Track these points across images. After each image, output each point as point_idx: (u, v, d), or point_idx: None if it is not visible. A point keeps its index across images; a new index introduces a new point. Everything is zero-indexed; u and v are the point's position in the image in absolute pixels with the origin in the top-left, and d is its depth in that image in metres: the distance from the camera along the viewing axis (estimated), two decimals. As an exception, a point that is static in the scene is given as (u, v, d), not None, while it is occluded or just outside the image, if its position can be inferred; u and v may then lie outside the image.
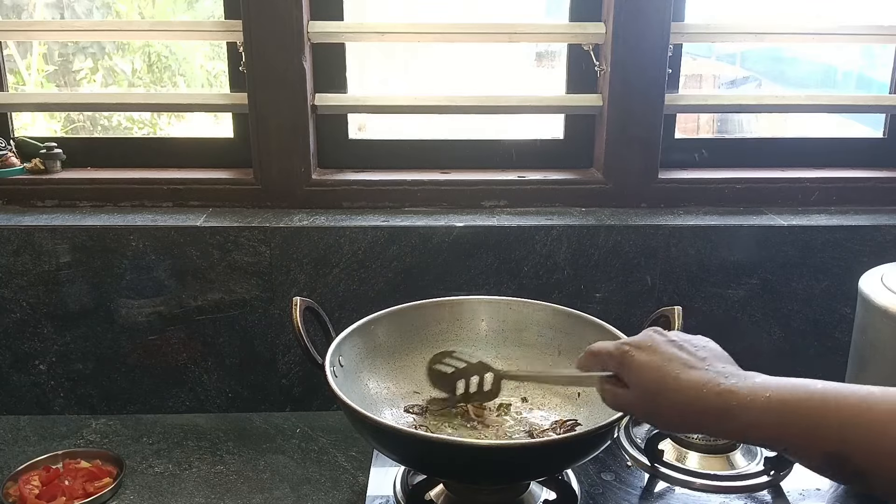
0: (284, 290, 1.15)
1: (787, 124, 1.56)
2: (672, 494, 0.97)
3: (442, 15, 1.32)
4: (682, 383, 0.65)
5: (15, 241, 1.12)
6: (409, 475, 0.96)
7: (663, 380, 0.66)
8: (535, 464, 0.83)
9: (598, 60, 1.24)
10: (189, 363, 1.18)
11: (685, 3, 1.25)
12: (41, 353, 1.17)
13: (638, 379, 0.68)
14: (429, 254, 1.16)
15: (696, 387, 0.64)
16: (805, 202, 1.28)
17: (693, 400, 0.64)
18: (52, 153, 1.24)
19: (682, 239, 1.18)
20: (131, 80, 1.62)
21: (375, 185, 1.24)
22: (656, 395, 0.66)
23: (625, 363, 0.69)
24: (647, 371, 0.67)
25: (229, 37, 1.20)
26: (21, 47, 1.49)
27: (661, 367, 0.67)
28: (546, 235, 1.17)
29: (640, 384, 0.68)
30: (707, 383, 0.64)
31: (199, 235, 1.14)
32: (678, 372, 0.65)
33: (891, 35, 1.28)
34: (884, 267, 1.01)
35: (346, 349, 0.96)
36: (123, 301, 1.15)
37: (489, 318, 1.06)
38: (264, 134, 1.20)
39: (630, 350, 0.69)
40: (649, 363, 0.67)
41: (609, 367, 0.72)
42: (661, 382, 0.66)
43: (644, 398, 0.68)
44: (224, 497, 0.99)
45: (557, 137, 1.33)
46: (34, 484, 0.98)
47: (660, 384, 0.66)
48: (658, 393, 0.66)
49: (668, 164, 1.30)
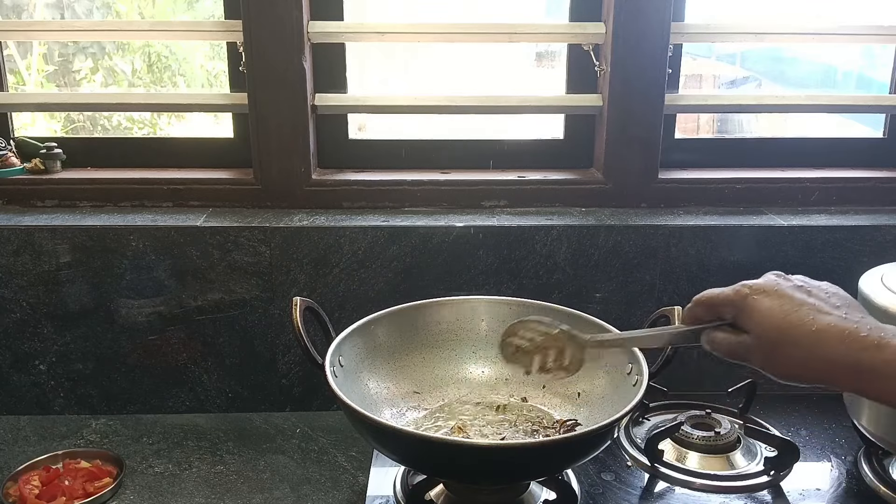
0: (284, 290, 1.15)
1: (787, 124, 1.56)
2: (672, 494, 0.97)
3: (442, 15, 1.32)
4: (815, 332, 0.60)
5: (15, 241, 1.12)
6: (409, 475, 0.96)
7: (794, 327, 0.61)
8: (535, 464, 0.83)
9: (598, 60, 1.24)
10: (189, 363, 1.18)
11: (685, 3, 1.25)
12: (41, 353, 1.17)
13: (762, 325, 0.63)
14: (429, 254, 1.16)
15: (835, 336, 0.59)
16: (805, 202, 1.28)
17: (829, 351, 0.59)
18: (52, 153, 1.24)
19: (682, 239, 1.18)
20: (131, 81, 1.62)
21: (375, 185, 1.24)
22: (784, 344, 0.61)
23: (746, 308, 0.64)
24: (774, 316, 0.62)
25: (229, 37, 1.20)
26: (21, 47, 1.49)
27: (790, 312, 0.62)
28: (546, 235, 1.17)
29: (764, 331, 0.63)
30: (848, 334, 0.59)
31: (199, 235, 1.14)
32: (812, 317, 0.61)
33: (891, 35, 1.28)
34: (884, 267, 1.01)
35: (346, 349, 0.96)
36: (123, 301, 1.15)
37: (489, 318, 1.06)
38: (264, 134, 1.20)
39: (752, 293, 0.65)
40: (776, 308, 0.63)
41: (725, 315, 0.67)
42: (792, 330, 0.61)
43: (768, 346, 0.63)
44: (224, 497, 0.99)
45: (557, 137, 1.33)
46: (34, 484, 0.98)
47: (789, 331, 0.61)
48: (786, 341, 0.61)
49: (668, 164, 1.30)
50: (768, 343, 0.63)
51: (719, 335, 0.67)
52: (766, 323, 0.63)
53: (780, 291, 0.64)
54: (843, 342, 0.59)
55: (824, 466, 1.03)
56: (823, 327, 0.60)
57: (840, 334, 0.60)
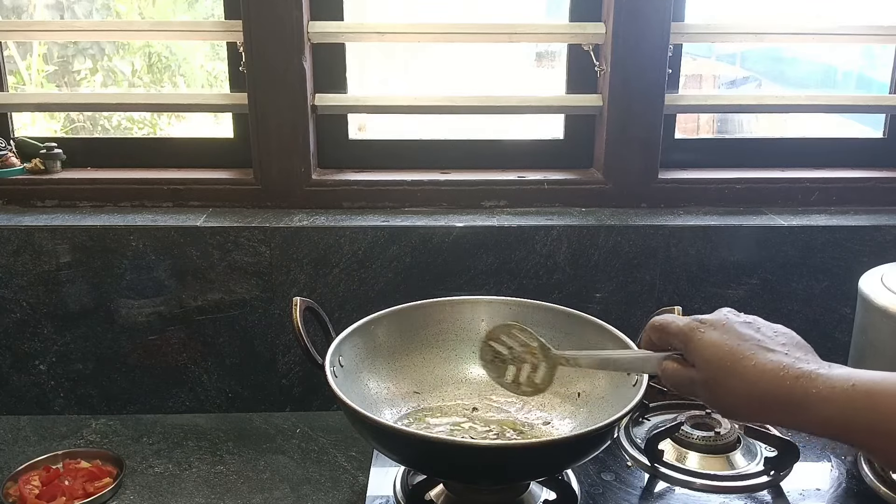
0: (284, 290, 1.15)
1: (787, 124, 1.57)
2: (672, 494, 0.97)
3: (442, 15, 1.32)
4: (757, 366, 0.60)
5: (15, 241, 1.12)
6: (409, 475, 0.96)
7: (736, 361, 0.61)
8: (535, 464, 0.83)
9: (598, 60, 1.24)
10: (189, 363, 1.18)
11: (685, 3, 1.25)
12: (41, 353, 1.17)
13: (707, 358, 0.63)
14: (429, 254, 1.16)
15: (773, 371, 0.59)
16: (805, 202, 1.28)
17: (767, 385, 0.59)
18: (52, 153, 1.24)
19: (682, 239, 1.18)
20: (131, 81, 1.63)
21: (375, 185, 1.24)
22: (726, 377, 0.62)
23: (694, 340, 0.65)
24: (719, 350, 0.63)
25: (229, 37, 1.20)
26: (21, 49, 1.49)
27: (734, 347, 0.62)
28: (546, 236, 1.17)
29: (708, 364, 0.63)
30: (785, 368, 0.59)
31: (199, 235, 1.14)
32: (753, 353, 0.61)
33: (891, 35, 1.28)
34: (884, 267, 1.01)
35: (346, 349, 0.96)
36: (123, 301, 1.15)
37: (489, 318, 1.06)
38: (264, 134, 1.20)
39: (700, 327, 0.65)
40: (721, 341, 0.63)
41: (675, 344, 0.68)
42: (734, 364, 0.61)
43: (711, 379, 0.63)
44: (224, 497, 0.99)
45: (557, 137, 1.33)
46: (34, 484, 0.98)
47: (732, 365, 0.61)
48: (728, 375, 0.61)
49: (668, 164, 1.30)
50: (712, 376, 0.63)
51: (670, 366, 0.68)
52: (711, 356, 0.63)
53: (728, 326, 0.65)
54: (779, 376, 0.59)
55: (824, 466, 1.03)
56: (764, 363, 0.60)
57: (779, 370, 0.60)
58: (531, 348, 0.84)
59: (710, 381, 0.63)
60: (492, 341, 0.87)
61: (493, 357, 0.87)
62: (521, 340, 0.85)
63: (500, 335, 0.86)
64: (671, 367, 0.68)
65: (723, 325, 0.65)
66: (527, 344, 0.85)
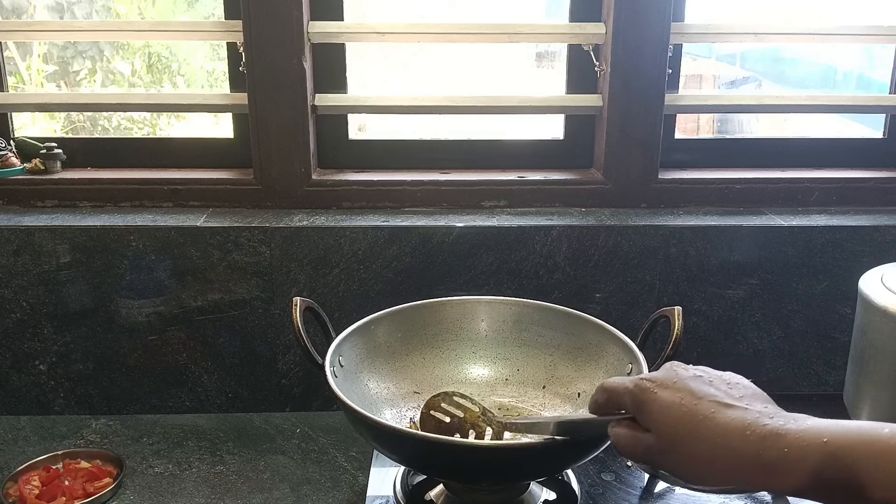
0: (284, 290, 1.15)
1: (787, 124, 1.57)
2: (672, 494, 0.97)
3: (442, 15, 1.32)
4: (717, 426, 0.55)
5: (15, 241, 1.12)
6: (409, 475, 0.96)
7: (693, 422, 0.56)
8: (535, 464, 0.83)
9: (598, 61, 1.24)
10: (189, 363, 1.18)
11: (685, 3, 1.25)
12: (41, 353, 1.17)
13: (661, 421, 0.58)
14: (429, 254, 1.16)
15: (738, 430, 0.55)
16: (805, 202, 1.28)
17: (733, 446, 0.54)
18: (52, 153, 1.24)
19: (682, 239, 1.18)
20: (131, 81, 1.63)
21: (375, 186, 1.24)
22: (684, 440, 0.56)
23: (645, 402, 0.60)
24: (673, 411, 0.58)
25: (229, 37, 1.20)
26: (21, 49, 1.50)
27: (691, 407, 0.57)
28: (546, 236, 1.17)
29: (663, 427, 0.58)
30: (750, 426, 0.54)
31: (199, 235, 1.14)
32: (713, 411, 0.56)
33: (891, 35, 1.28)
34: (884, 267, 1.01)
35: (346, 349, 0.96)
36: (123, 301, 1.15)
37: (489, 318, 1.06)
38: (264, 134, 1.20)
39: (651, 387, 0.60)
40: (675, 402, 0.58)
41: (625, 407, 0.62)
42: (691, 425, 0.56)
43: (668, 444, 0.58)
44: (224, 497, 0.99)
45: (557, 137, 1.33)
46: (34, 484, 0.98)
47: (689, 427, 0.56)
48: (686, 437, 0.56)
49: (668, 164, 1.30)
50: (669, 440, 0.58)
51: (620, 430, 0.62)
52: (666, 418, 0.58)
53: (680, 384, 0.59)
54: (745, 436, 0.54)
55: (824, 466, 1.02)
56: (727, 422, 0.55)
57: (743, 428, 0.54)
58: (475, 413, 0.86)
59: (668, 445, 0.58)
60: (431, 410, 0.87)
61: (435, 425, 0.86)
62: (463, 406, 0.86)
63: (439, 404, 0.87)
64: (623, 433, 0.62)
65: (674, 384, 0.59)
66: (469, 409, 0.86)
